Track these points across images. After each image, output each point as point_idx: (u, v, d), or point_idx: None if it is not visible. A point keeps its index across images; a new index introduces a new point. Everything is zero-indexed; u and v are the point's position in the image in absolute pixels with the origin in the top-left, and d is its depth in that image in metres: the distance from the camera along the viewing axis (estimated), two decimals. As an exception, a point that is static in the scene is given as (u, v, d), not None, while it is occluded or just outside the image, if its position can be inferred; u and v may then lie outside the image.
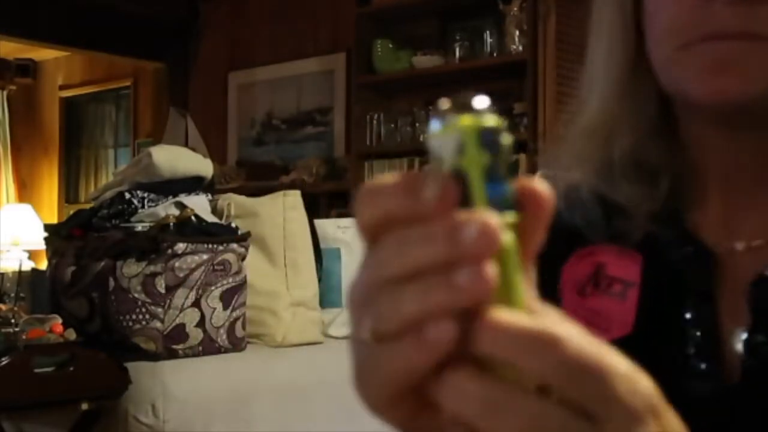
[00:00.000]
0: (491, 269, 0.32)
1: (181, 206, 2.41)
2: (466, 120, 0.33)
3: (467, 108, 0.33)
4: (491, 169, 0.33)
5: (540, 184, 0.34)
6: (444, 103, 0.34)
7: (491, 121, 0.33)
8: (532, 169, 3.84)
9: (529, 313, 0.33)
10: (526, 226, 0.34)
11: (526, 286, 0.34)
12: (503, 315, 0.32)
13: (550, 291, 0.63)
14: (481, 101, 0.33)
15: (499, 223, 0.32)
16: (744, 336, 0.57)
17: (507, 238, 0.33)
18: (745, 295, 0.58)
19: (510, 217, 0.33)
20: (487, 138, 0.33)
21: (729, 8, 0.54)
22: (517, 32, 3.73)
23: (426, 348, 0.32)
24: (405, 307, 0.33)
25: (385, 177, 0.34)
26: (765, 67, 0.54)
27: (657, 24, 0.59)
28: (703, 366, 0.58)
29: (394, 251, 0.33)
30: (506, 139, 0.34)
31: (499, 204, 0.33)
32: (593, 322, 0.61)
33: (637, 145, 0.62)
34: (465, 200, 0.33)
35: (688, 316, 0.59)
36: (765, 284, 0.58)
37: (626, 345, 0.55)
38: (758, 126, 0.59)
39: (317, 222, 2.78)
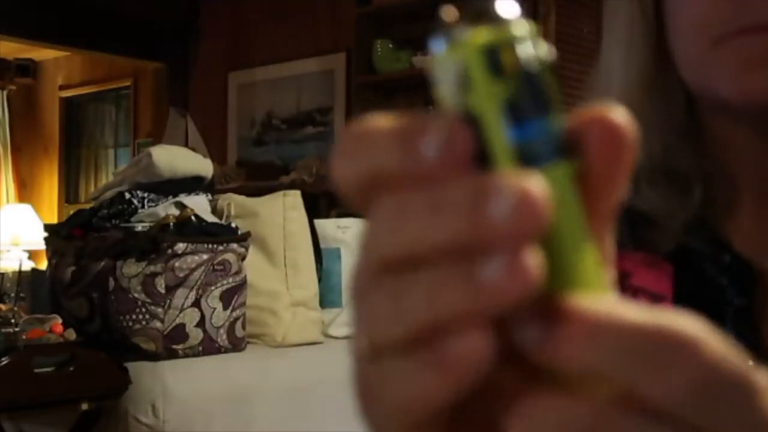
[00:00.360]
0: (533, 259, 0.22)
1: (181, 206, 2.41)
2: (479, 35, 0.23)
3: (483, 16, 0.23)
4: (518, 103, 0.23)
5: (609, 111, 0.24)
6: (449, 13, 0.24)
7: (515, 30, 0.24)
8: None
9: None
10: (591, 176, 0.24)
11: (600, 268, 0.24)
12: (598, 307, 0.23)
13: None
14: (504, 5, 0.24)
15: (542, 185, 0.22)
16: None
17: (562, 197, 0.23)
18: None
19: (560, 169, 0.23)
20: (501, 58, 0.23)
21: None
22: (517, 32, 3.73)
23: (446, 370, 0.23)
24: (409, 308, 0.23)
25: (377, 119, 0.24)
26: None
27: (684, 19, 0.53)
28: None
29: (389, 225, 0.24)
30: (541, 51, 0.24)
31: (537, 152, 0.23)
32: None
33: (666, 149, 0.56)
34: (484, 153, 0.23)
35: (726, 332, 0.55)
36: None
37: None
38: None
39: (317, 222, 2.78)
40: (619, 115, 0.24)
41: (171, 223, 2.26)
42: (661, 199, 0.55)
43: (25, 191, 6.60)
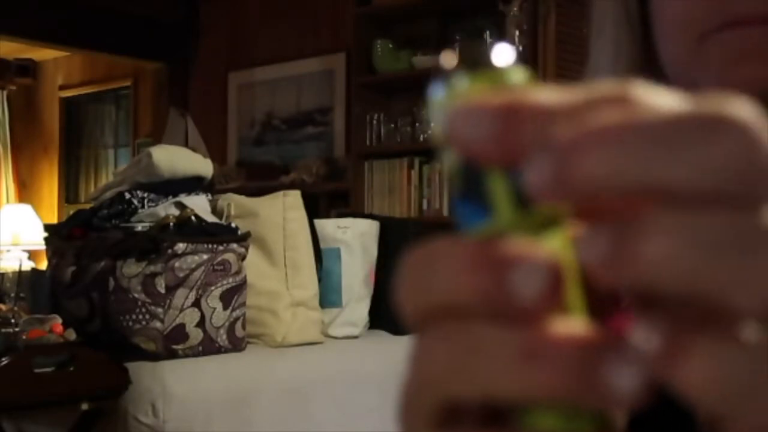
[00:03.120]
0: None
1: (181, 206, 2.41)
2: (477, 81, 0.23)
3: (481, 62, 0.24)
4: None
5: None
6: (449, 58, 0.24)
7: (512, 76, 0.24)
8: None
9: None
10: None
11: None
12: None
13: None
14: (501, 52, 0.24)
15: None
16: None
17: (560, 250, 0.22)
18: None
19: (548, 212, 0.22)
20: None
21: None
22: (517, 32, 3.73)
23: None
24: None
25: (444, 243, 0.22)
26: None
27: (667, 18, 0.53)
28: None
29: (460, 360, 0.22)
30: None
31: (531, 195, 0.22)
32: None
33: None
34: (478, 194, 0.23)
35: None
36: None
37: None
38: None
39: (317, 222, 2.78)
40: None
41: (171, 223, 2.26)
42: None
43: (25, 191, 6.61)
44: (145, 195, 2.43)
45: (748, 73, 0.48)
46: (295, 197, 2.62)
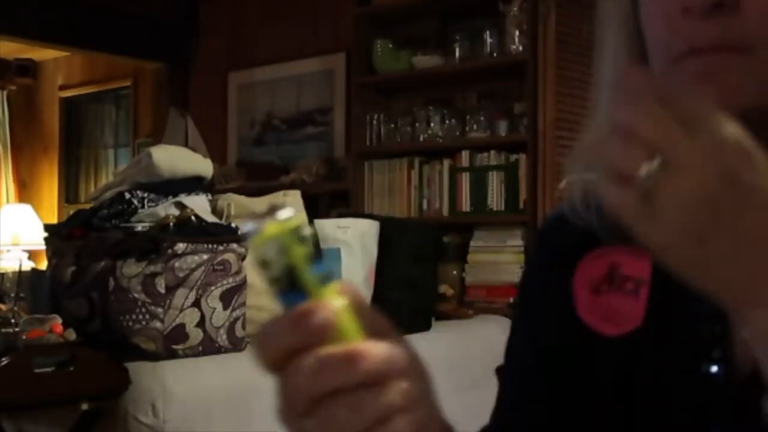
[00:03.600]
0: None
1: (181, 206, 2.41)
2: (273, 227, 0.42)
3: (273, 215, 0.43)
4: (310, 255, 0.43)
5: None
6: (258, 214, 0.43)
7: (297, 220, 0.43)
8: (532, 169, 3.84)
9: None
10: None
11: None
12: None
13: (563, 290, 0.68)
14: (286, 212, 0.43)
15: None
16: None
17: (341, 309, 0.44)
18: None
19: (335, 285, 0.44)
20: (300, 234, 0.43)
21: (703, 23, 0.54)
22: (517, 32, 3.73)
23: None
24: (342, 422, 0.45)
25: (273, 320, 0.46)
26: (745, 78, 0.54)
27: (649, 39, 0.60)
28: (713, 353, 0.60)
29: (310, 375, 0.45)
30: (308, 230, 0.44)
31: (325, 278, 0.44)
32: (607, 317, 0.65)
33: None
34: (297, 286, 0.43)
35: (695, 307, 0.61)
36: None
37: (638, 337, 0.62)
38: (760, 133, 0.59)
39: (317, 222, 2.78)
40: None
41: (171, 223, 2.26)
42: None
43: (25, 191, 6.61)
44: (145, 195, 2.43)
45: (708, 96, 0.54)
46: (295, 197, 2.62)
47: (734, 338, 0.59)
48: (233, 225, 2.41)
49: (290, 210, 0.42)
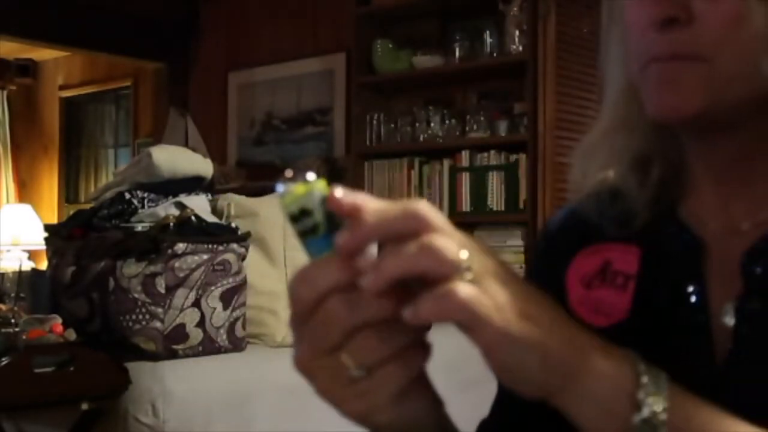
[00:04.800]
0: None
1: (181, 206, 2.41)
2: (306, 184, 0.49)
3: (300, 177, 0.49)
4: (332, 215, 0.48)
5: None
6: (288, 173, 0.49)
7: (318, 185, 0.49)
8: (533, 169, 3.84)
9: None
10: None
11: None
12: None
13: (556, 285, 0.71)
14: (312, 175, 0.49)
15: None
16: (735, 306, 0.62)
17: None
18: (738, 267, 0.63)
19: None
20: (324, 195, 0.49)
21: (659, 35, 0.61)
22: (517, 32, 3.73)
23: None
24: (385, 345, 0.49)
25: (315, 265, 0.49)
26: (697, 83, 0.60)
27: (626, 46, 0.66)
28: (695, 343, 0.63)
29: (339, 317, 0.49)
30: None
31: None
32: (598, 309, 0.69)
33: (642, 142, 0.70)
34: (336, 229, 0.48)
35: (679, 298, 0.65)
36: (757, 253, 0.63)
37: (624, 328, 0.66)
38: (728, 131, 0.64)
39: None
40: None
41: (171, 223, 2.26)
42: (628, 180, 0.70)
43: (25, 191, 6.61)
44: (145, 195, 2.43)
45: (664, 103, 0.61)
46: (295, 197, 2.61)
47: (714, 328, 0.63)
48: (233, 225, 2.41)
49: (313, 174, 0.47)
